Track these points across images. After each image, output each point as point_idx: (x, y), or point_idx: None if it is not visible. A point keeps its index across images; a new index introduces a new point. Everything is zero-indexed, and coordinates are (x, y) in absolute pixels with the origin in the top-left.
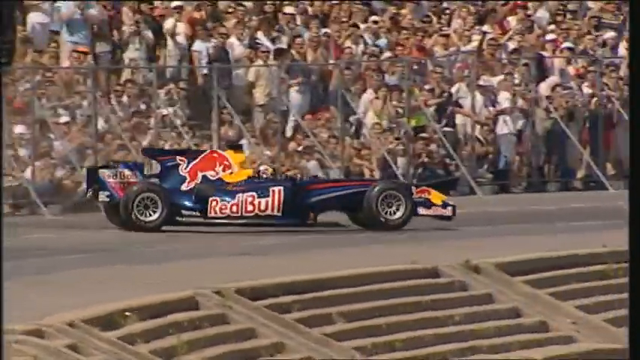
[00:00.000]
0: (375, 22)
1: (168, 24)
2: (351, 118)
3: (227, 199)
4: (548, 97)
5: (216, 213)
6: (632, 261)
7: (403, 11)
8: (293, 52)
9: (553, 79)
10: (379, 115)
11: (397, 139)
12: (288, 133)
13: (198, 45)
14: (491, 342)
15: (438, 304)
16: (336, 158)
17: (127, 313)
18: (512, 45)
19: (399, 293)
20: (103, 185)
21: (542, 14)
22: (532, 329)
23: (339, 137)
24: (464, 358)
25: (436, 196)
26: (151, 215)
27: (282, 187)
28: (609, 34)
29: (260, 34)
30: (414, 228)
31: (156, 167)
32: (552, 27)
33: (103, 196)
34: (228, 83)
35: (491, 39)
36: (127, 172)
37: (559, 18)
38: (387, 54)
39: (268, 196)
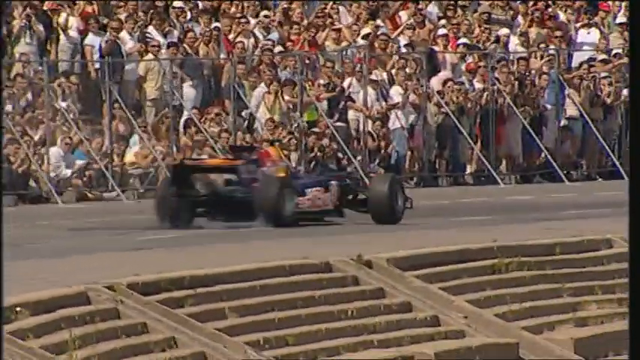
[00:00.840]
0: (267, 17)
1: (60, 18)
2: (244, 113)
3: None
4: (439, 92)
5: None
6: (632, 260)
7: (293, 5)
8: (185, 46)
9: (445, 73)
10: (271, 110)
11: (290, 133)
12: (181, 127)
13: (90, 39)
14: (384, 336)
15: (330, 299)
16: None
17: (18, 308)
18: (403, 40)
19: (292, 288)
20: None
21: (432, 9)
22: (424, 324)
23: (231, 131)
24: (356, 354)
25: None
26: None
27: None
28: (503, 31)
29: (151, 29)
30: (305, 224)
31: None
32: (443, 22)
33: None
34: (120, 77)
35: (383, 34)
36: None
37: (449, 13)
38: (279, 48)
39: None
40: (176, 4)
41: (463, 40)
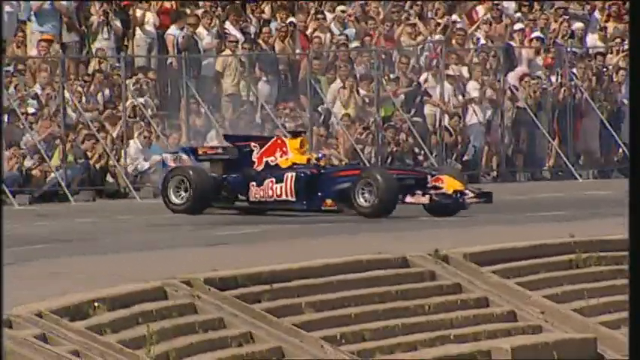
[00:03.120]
0: (343, 12)
1: (137, 13)
2: (320, 108)
3: (254, 184)
4: (516, 87)
5: (254, 198)
6: (632, 260)
7: (371, 1)
8: (260, 42)
9: (521, 68)
10: (347, 105)
11: (365, 128)
12: (258, 122)
13: (171, 30)
14: (460, 331)
15: (407, 294)
16: None
17: (95, 304)
18: (480, 35)
19: (369, 283)
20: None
21: (509, 4)
22: (500, 319)
23: (308, 126)
24: (432, 349)
25: (450, 184)
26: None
27: (294, 174)
28: (577, 25)
29: (228, 24)
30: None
31: (234, 152)
32: (519, 16)
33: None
34: (197, 73)
35: (460, 29)
36: (184, 156)
37: (525, 9)
38: (355, 44)
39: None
40: None
41: (537, 33)
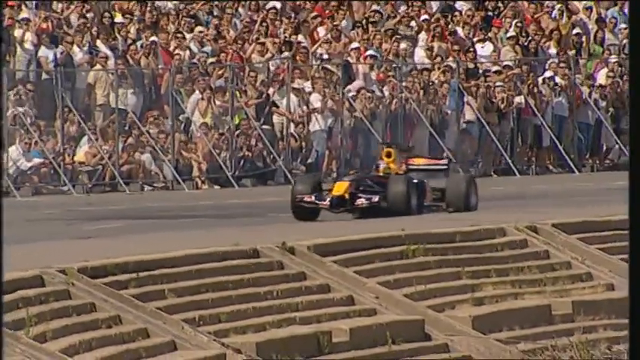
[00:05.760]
0: (201, 32)
1: (17, 33)
2: (181, 117)
3: None
4: (354, 99)
5: None
6: (632, 260)
7: (223, 22)
8: (128, 57)
9: (358, 82)
10: (205, 114)
11: (221, 134)
12: (126, 130)
13: (44, 51)
14: (304, 314)
15: (257, 281)
16: (167, 152)
17: None
18: (322, 52)
19: (224, 272)
20: None
21: (345, 24)
22: (340, 303)
23: (170, 133)
24: (280, 330)
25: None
26: None
27: None
28: (403, 45)
29: (99, 42)
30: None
31: None
32: (354, 34)
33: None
34: (71, 85)
35: (304, 47)
36: None
37: (359, 30)
38: (211, 60)
39: None
40: (119, 19)
41: (371, 52)
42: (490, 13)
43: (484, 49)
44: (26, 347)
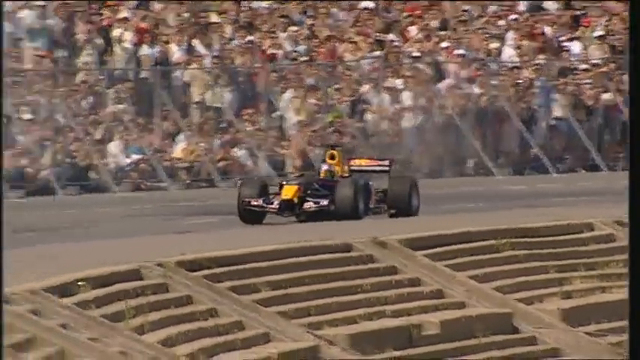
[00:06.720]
0: (294, 31)
1: (116, 32)
2: (274, 114)
3: None
4: (444, 96)
5: None
6: (632, 259)
7: (317, 22)
8: (223, 56)
9: (448, 80)
10: (299, 112)
11: (314, 131)
12: (222, 127)
13: (144, 50)
14: (395, 307)
15: (349, 275)
16: (261, 149)
17: (80, 283)
18: (413, 51)
19: (316, 265)
20: None
21: (437, 24)
22: (430, 296)
23: (265, 130)
24: (371, 322)
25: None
26: None
27: None
28: (494, 44)
29: (196, 41)
30: None
31: None
32: (444, 34)
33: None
34: (168, 83)
35: (395, 46)
36: None
37: (449, 28)
38: (305, 58)
39: None
40: (215, 19)
41: (461, 51)
42: (578, 12)
43: (573, 48)
44: (125, 339)
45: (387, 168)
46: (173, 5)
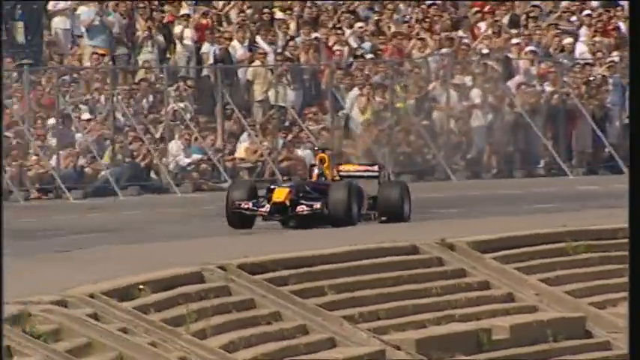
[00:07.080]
0: (360, 27)
1: (177, 29)
2: (340, 113)
3: None
4: (514, 94)
5: None
6: (632, 259)
7: (384, 17)
8: (287, 53)
9: (518, 77)
10: (364, 110)
11: (381, 130)
12: (285, 126)
13: (205, 47)
14: (464, 311)
15: (417, 278)
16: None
17: (141, 286)
18: (482, 47)
19: (383, 268)
20: None
21: (507, 20)
22: (500, 300)
23: (330, 129)
24: (439, 327)
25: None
26: None
27: None
28: (567, 40)
29: (258, 38)
30: None
31: None
32: (515, 31)
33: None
34: (230, 81)
35: (464, 43)
36: None
37: (521, 24)
38: (370, 56)
39: None
40: (280, 15)
41: (532, 47)
42: None
43: None
44: (186, 343)
45: (376, 174)
46: (235, 1)
